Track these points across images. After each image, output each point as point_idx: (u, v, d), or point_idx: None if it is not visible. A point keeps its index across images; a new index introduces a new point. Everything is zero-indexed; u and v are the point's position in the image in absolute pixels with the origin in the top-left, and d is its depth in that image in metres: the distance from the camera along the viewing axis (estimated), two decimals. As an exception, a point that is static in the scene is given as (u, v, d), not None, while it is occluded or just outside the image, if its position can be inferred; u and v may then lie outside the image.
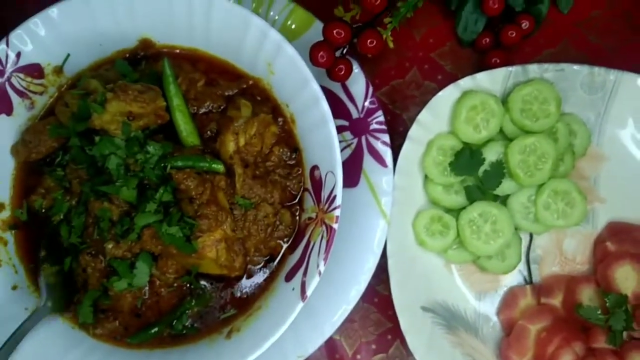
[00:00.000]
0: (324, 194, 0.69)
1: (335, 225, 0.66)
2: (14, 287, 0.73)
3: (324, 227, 0.67)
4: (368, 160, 0.80)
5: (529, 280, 0.83)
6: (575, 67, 0.80)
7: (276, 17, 0.83)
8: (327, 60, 0.73)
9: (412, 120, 0.85)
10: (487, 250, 0.80)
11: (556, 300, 0.81)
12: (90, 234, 0.71)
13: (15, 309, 0.71)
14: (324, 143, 0.68)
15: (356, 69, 0.80)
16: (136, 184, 0.68)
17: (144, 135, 0.69)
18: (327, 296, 0.76)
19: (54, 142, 0.74)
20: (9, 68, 0.72)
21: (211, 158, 0.70)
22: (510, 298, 0.82)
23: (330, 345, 0.84)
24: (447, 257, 0.82)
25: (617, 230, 0.82)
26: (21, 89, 0.74)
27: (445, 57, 0.88)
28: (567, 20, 0.89)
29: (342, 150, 0.81)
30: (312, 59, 0.73)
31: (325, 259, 0.65)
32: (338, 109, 0.81)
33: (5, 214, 0.75)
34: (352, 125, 0.81)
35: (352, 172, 0.80)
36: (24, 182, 0.76)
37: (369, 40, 0.74)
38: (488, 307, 0.82)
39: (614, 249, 0.80)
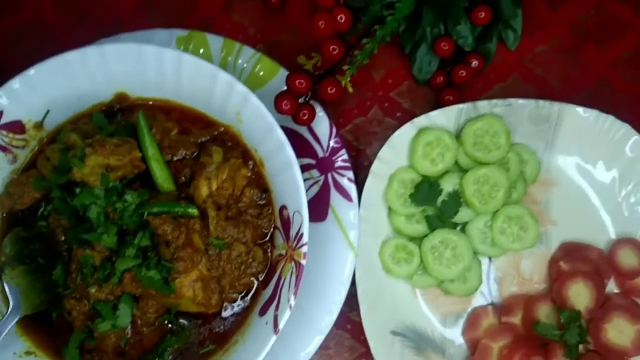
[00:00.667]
0: (292, 232, 0.74)
1: (303, 262, 0.71)
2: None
3: (293, 263, 0.72)
4: (335, 196, 0.85)
5: (490, 301, 0.88)
6: (521, 101, 0.87)
7: (245, 65, 0.89)
8: (291, 108, 0.79)
9: (375, 155, 0.91)
10: (449, 275, 0.85)
11: (516, 319, 0.86)
12: (74, 279, 0.75)
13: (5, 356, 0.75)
14: (290, 185, 0.73)
15: (320, 112, 0.86)
16: (116, 231, 0.72)
17: (121, 185, 0.74)
18: (301, 327, 0.80)
19: (36, 194, 0.78)
20: (-7, 126, 0.77)
21: (186, 203, 0.75)
22: (473, 318, 0.87)
23: (307, 372, 0.88)
24: (412, 283, 0.87)
25: (569, 250, 0.88)
26: (4, 144, 0.79)
27: (404, 96, 0.95)
28: (515, 56, 0.96)
29: (310, 187, 0.87)
30: (277, 107, 0.79)
31: (295, 293, 0.70)
32: (305, 148, 0.87)
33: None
34: (318, 163, 0.87)
35: (321, 208, 0.85)
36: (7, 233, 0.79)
37: (328, 88, 0.80)
38: (454, 328, 0.87)
39: (567, 268, 0.86)
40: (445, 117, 0.87)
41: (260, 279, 0.78)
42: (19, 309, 0.73)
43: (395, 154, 0.87)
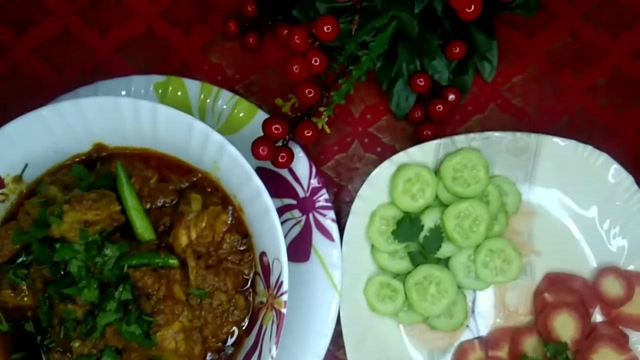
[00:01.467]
0: (273, 279, 0.74)
1: (284, 310, 0.71)
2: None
3: (274, 312, 0.72)
4: (317, 236, 0.86)
5: (477, 334, 0.88)
6: (498, 134, 0.88)
7: (224, 107, 0.90)
8: (268, 154, 0.79)
9: (356, 190, 0.92)
10: (434, 310, 0.85)
11: (502, 352, 0.86)
12: (57, 333, 0.75)
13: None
14: (268, 232, 0.73)
15: (299, 153, 0.86)
16: (97, 285, 0.72)
17: (101, 239, 0.74)
18: (288, 371, 0.80)
19: (16, 245, 0.78)
20: (-29, 184, 0.77)
21: (165, 254, 0.75)
22: (460, 353, 0.87)
23: (296, 414, 0.87)
24: (398, 320, 0.87)
25: (553, 281, 0.88)
26: (-17, 199, 0.79)
27: (383, 130, 0.95)
28: (492, 87, 0.97)
29: (291, 228, 0.87)
30: (254, 154, 0.80)
31: (277, 343, 0.70)
32: (286, 189, 0.87)
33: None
34: (299, 203, 0.87)
35: (303, 248, 0.85)
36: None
37: (305, 131, 0.81)
38: (441, 364, 0.87)
39: (551, 299, 0.86)
40: (423, 152, 0.87)
41: (243, 326, 0.78)
42: None
43: (375, 192, 0.87)
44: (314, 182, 0.87)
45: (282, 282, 0.71)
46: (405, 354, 0.87)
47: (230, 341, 0.77)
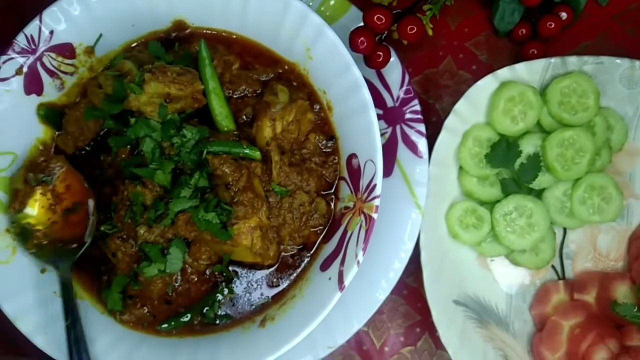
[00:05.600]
0: (363, 182, 0.67)
1: (374, 215, 0.65)
2: (43, 271, 0.71)
3: (362, 217, 0.66)
4: (402, 150, 0.78)
5: (561, 276, 0.82)
6: (617, 60, 0.78)
7: (310, 3, 0.81)
8: (367, 47, 0.71)
9: (445, 110, 0.84)
10: (521, 244, 0.78)
11: (589, 297, 0.79)
12: (121, 217, 0.70)
13: (45, 292, 0.70)
14: (363, 131, 0.66)
15: (393, 58, 0.78)
16: (171, 168, 0.66)
17: (180, 119, 0.68)
18: (359, 287, 0.74)
19: (97, 127, 0.73)
20: (42, 47, 0.70)
21: (247, 144, 0.68)
22: (542, 293, 0.80)
23: (358, 337, 0.82)
24: (480, 251, 0.81)
25: (652, 227, 0.80)
26: (52, 68, 0.72)
27: (481, 47, 0.86)
28: (605, 12, 0.87)
29: (376, 139, 0.80)
30: (352, 44, 0.72)
31: (364, 249, 0.64)
32: (373, 96, 0.79)
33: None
34: (386, 114, 0.79)
35: (386, 162, 0.77)
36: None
37: (409, 27, 0.73)
38: (520, 302, 0.81)
39: (649, 246, 0.79)
40: (530, 71, 0.79)
41: (322, 232, 0.72)
42: None
43: (472, 109, 0.79)
44: (404, 92, 0.79)
45: (374, 186, 0.65)
46: (483, 288, 0.80)
47: (308, 248, 0.72)
